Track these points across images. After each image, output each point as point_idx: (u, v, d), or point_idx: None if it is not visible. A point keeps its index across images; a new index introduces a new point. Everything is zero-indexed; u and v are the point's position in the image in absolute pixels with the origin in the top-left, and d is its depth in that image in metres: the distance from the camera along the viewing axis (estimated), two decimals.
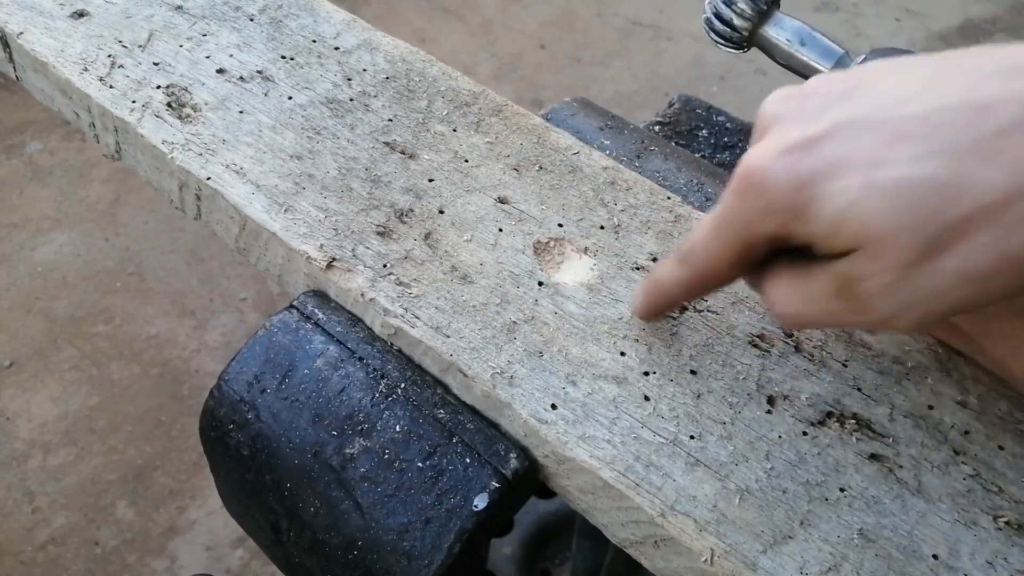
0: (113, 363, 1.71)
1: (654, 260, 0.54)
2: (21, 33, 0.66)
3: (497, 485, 0.45)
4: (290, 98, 0.63)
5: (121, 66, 0.64)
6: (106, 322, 1.78)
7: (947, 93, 0.33)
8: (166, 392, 1.67)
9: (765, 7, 0.51)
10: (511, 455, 0.46)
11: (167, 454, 1.58)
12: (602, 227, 0.56)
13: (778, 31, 0.51)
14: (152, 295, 1.83)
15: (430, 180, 0.58)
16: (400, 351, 0.52)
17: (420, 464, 0.46)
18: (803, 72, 0.50)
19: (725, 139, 0.75)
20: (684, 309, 0.52)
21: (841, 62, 0.48)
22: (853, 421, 0.47)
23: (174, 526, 1.50)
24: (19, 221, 1.96)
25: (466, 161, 0.60)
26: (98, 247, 1.92)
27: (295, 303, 0.54)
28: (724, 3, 0.51)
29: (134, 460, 1.57)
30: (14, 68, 0.70)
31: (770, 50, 0.52)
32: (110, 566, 1.44)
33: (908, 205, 0.32)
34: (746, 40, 0.52)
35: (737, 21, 0.51)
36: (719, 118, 0.77)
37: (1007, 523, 0.42)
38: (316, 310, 0.53)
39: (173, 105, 0.62)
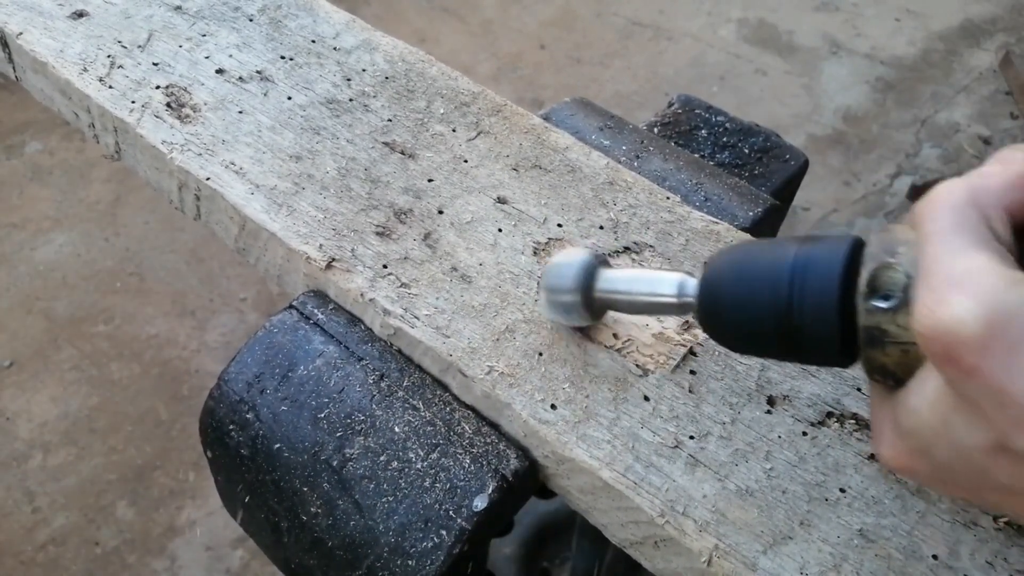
0: (113, 363, 1.71)
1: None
2: (20, 33, 0.66)
3: (497, 485, 0.45)
4: (289, 98, 0.63)
5: (120, 66, 0.64)
6: (106, 322, 1.78)
7: None
8: (166, 392, 1.67)
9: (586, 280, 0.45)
10: (511, 455, 0.46)
11: (167, 454, 1.58)
12: (602, 227, 0.56)
13: (608, 286, 0.45)
14: (152, 295, 1.83)
15: (429, 180, 0.58)
16: (400, 351, 0.52)
17: (420, 464, 0.46)
18: (653, 311, 0.44)
19: (724, 139, 0.75)
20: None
21: (683, 285, 0.42)
22: (853, 421, 0.47)
23: (174, 526, 1.50)
24: (19, 221, 1.96)
25: (465, 161, 0.60)
26: (98, 247, 1.92)
27: (295, 303, 0.54)
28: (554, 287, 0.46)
29: (134, 460, 1.57)
30: (14, 68, 0.70)
31: (613, 306, 0.46)
32: (110, 566, 1.44)
33: None
34: (588, 308, 0.46)
35: (567, 298, 0.46)
36: (719, 118, 0.77)
37: (1007, 523, 0.42)
38: (316, 310, 0.53)
39: (172, 105, 0.62)
